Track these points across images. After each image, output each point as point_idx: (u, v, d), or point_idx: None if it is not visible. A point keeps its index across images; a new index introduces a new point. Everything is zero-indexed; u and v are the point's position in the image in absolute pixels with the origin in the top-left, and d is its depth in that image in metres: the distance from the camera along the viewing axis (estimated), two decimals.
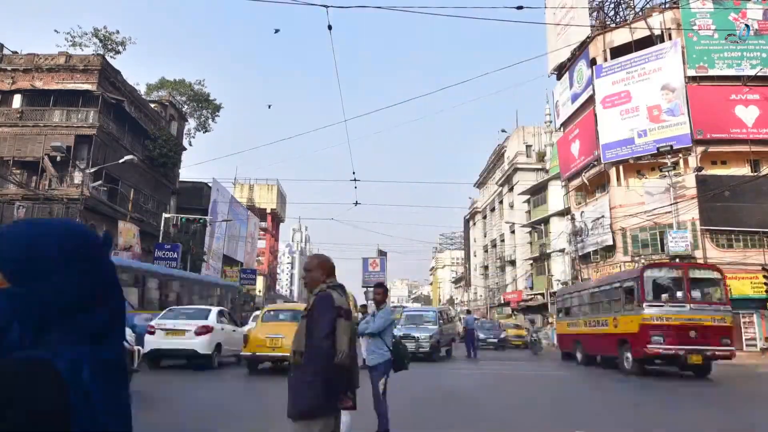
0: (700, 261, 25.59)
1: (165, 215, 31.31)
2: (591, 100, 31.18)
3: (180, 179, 39.01)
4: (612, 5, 33.86)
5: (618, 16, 33.65)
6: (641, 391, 10.75)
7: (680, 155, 27.14)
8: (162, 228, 30.47)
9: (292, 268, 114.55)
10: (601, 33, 31.58)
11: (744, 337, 24.47)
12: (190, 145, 49.98)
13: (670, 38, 28.52)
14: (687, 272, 13.67)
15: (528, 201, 45.22)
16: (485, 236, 61.84)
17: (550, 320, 37.71)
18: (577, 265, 31.94)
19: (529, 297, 43.94)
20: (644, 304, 13.01)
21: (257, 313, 14.45)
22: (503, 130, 54.00)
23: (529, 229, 44.37)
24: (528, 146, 49.80)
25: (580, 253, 32.04)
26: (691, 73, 27.64)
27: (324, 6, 10.43)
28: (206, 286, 24.06)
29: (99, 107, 27.62)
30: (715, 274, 14.14)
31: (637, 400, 9.47)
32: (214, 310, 13.67)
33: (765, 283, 21.28)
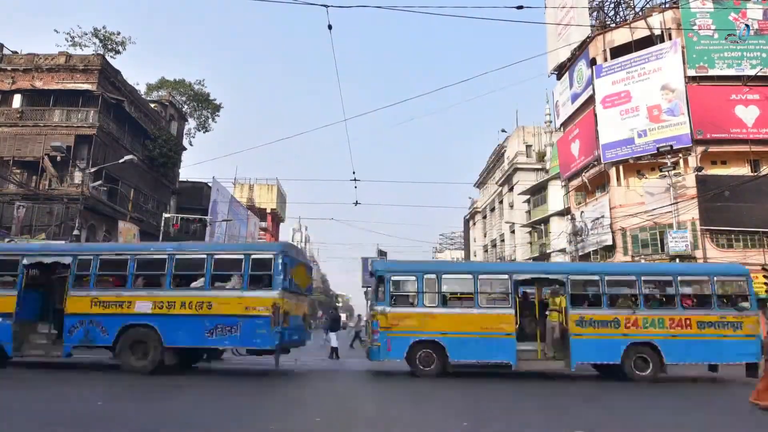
0: (701, 261, 25.64)
1: (165, 215, 31.35)
2: (591, 100, 31.19)
3: (180, 179, 39.06)
4: (612, 5, 33.88)
5: (618, 16, 33.67)
6: None
7: (680, 155, 27.15)
8: (162, 228, 30.49)
9: None
10: (601, 33, 31.59)
11: None
12: (191, 144, 50.01)
13: (670, 38, 28.53)
14: None
15: (528, 201, 45.23)
16: (485, 236, 61.85)
17: None
18: None
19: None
20: None
21: None
22: (503, 130, 54.04)
23: (529, 229, 44.39)
24: (528, 146, 49.80)
25: (580, 253, 32.04)
26: (691, 73, 27.65)
27: (324, 6, 10.44)
28: None
29: (99, 107, 27.65)
30: None
31: None
32: None
33: (765, 283, 21.31)
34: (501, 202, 53.51)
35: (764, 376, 8.22)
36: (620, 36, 30.71)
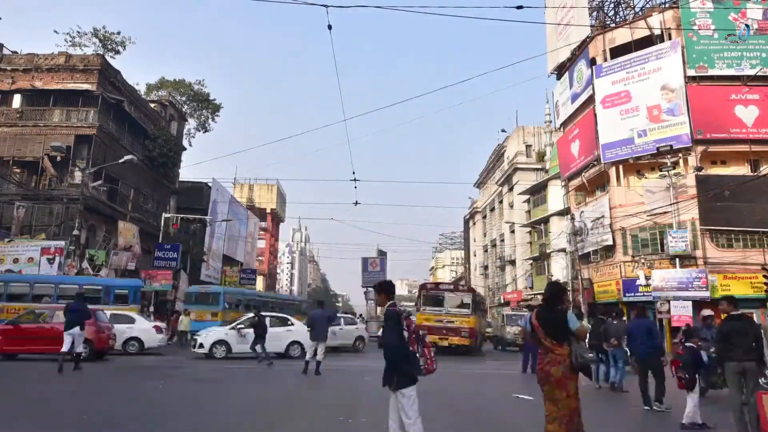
0: (700, 261, 25.66)
1: (165, 215, 31.33)
2: (591, 99, 31.16)
3: (180, 179, 39.05)
4: (612, 5, 33.83)
5: (618, 16, 33.62)
6: None
7: (680, 155, 27.12)
8: (162, 228, 30.48)
9: (291, 268, 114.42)
10: (601, 33, 31.56)
11: None
12: (190, 145, 50.09)
13: (670, 38, 28.50)
14: None
15: (528, 201, 45.23)
16: (485, 236, 61.85)
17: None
18: (577, 265, 31.91)
19: (529, 297, 43.92)
20: None
21: None
22: (503, 130, 54.11)
23: (528, 229, 44.38)
24: (528, 146, 49.82)
25: (580, 253, 32.01)
26: (691, 72, 27.61)
27: (324, 6, 10.44)
28: None
29: (99, 107, 27.63)
30: None
31: None
32: None
33: (765, 283, 21.29)
34: (501, 202, 53.50)
35: None
36: (620, 36, 30.68)
